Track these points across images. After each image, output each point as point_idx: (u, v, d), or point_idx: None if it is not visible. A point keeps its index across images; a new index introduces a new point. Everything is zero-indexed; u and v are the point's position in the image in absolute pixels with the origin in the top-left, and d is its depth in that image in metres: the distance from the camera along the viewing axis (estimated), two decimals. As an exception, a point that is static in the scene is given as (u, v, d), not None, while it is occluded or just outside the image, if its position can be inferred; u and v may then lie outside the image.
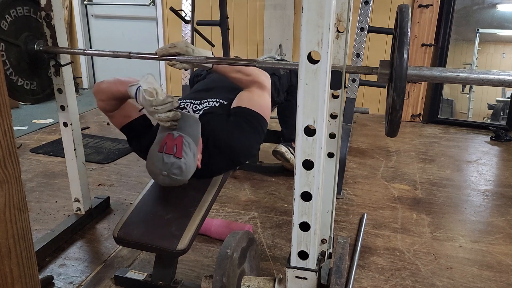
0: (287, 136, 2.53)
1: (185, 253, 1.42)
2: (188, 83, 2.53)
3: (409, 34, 1.02)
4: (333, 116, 1.45)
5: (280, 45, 3.84)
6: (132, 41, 4.78)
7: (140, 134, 1.65)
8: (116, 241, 1.47)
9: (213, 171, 1.62)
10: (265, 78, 1.66)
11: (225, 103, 1.66)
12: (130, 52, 1.58)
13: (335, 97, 1.43)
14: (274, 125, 2.51)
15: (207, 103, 1.67)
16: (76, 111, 1.91)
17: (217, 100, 1.68)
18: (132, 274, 1.62)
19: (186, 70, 2.58)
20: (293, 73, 2.26)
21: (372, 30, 2.80)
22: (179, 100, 1.70)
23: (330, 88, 1.11)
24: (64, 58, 1.79)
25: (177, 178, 1.38)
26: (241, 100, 1.61)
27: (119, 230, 1.47)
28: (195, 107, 1.66)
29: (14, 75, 1.66)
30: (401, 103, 1.02)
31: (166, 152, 1.35)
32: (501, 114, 3.89)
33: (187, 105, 1.68)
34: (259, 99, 1.61)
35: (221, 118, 1.60)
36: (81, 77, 5.01)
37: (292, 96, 2.34)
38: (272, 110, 2.26)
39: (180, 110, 1.49)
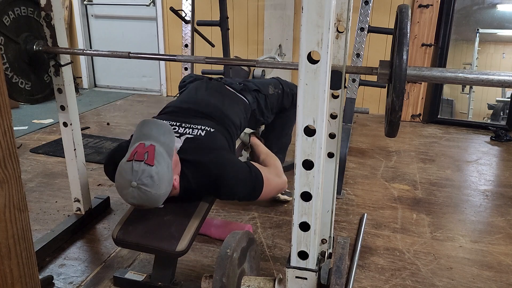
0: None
1: (185, 254, 1.42)
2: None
3: (408, 34, 1.03)
4: (333, 116, 1.45)
5: (280, 45, 3.84)
6: (132, 41, 4.78)
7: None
8: (115, 242, 1.47)
9: (193, 195, 1.52)
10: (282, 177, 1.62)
11: (211, 130, 1.54)
12: (129, 52, 1.59)
13: (335, 97, 1.43)
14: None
15: (190, 129, 1.54)
16: (76, 111, 1.91)
17: (202, 127, 1.55)
18: (131, 275, 1.61)
19: (186, 70, 2.59)
20: (284, 94, 2.08)
21: (372, 30, 2.80)
22: (154, 118, 1.60)
23: (330, 88, 1.11)
24: (64, 58, 1.79)
25: (148, 190, 1.25)
26: (263, 162, 1.61)
27: (118, 231, 1.46)
28: (174, 129, 1.53)
29: (10, 71, 1.66)
30: (400, 104, 1.02)
31: (136, 159, 1.25)
32: (501, 114, 3.89)
33: None
34: (272, 175, 1.55)
35: (211, 146, 1.49)
36: (81, 77, 5.02)
37: (279, 118, 2.15)
38: (256, 128, 2.14)
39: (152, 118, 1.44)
